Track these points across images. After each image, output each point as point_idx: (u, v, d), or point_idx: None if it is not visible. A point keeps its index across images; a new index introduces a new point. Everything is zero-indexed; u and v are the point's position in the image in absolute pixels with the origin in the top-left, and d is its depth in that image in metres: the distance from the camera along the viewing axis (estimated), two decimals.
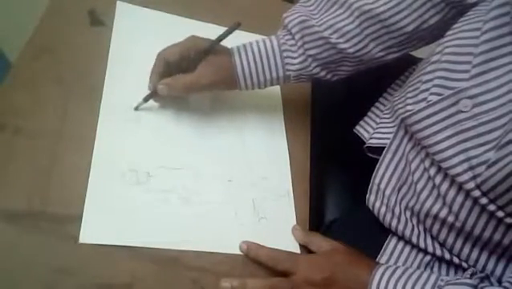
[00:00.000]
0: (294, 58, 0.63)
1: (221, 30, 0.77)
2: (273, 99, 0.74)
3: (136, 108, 0.62)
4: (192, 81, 0.60)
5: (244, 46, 0.63)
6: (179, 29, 0.75)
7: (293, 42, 0.62)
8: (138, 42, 0.69)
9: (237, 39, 0.67)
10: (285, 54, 0.63)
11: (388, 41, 0.61)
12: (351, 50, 0.61)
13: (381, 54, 0.62)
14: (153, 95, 0.62)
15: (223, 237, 0.57)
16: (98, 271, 0.49)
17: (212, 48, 0.61)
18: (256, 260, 0.56)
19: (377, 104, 0.71)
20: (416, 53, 0.71)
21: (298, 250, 0.60)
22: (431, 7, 0.59)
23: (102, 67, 0.64)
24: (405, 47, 0.63)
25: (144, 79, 0.66)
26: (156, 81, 0.61)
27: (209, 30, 0.77)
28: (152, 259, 0.52)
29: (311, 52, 0.62)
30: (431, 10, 0.59)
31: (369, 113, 0.70)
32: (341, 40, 0.61)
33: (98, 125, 0.59)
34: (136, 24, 0.72)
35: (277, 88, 0.75)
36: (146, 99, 0.62)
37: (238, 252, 0.56)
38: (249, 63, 0.62)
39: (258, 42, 0.63)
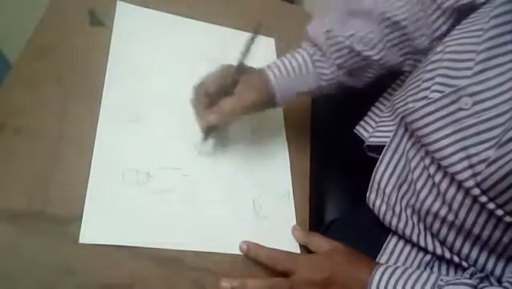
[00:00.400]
0: (326, 68, 0.64)
1: (222, 30, 0.77)
2: None
3: (200, 153, 0.63)
4: (237, 103, 0.59)
5: (275, 63, 0.64)
6: (179, 29, 0.75)
7: (321, 53, 0.64)
8: (138, 42, 0.70)
9: (237, 39, 0.67)
10: (317, 64, 0.64)
11: (406, 47, 0.63)
12: (375, 58, 0.63)
13: (401, 59, 0.64)
14: (209, 130, 0.62)
15: (223, 237, 0.57)
16: (98, 271, 0.49)
17: (244, 68, 0.61)
18: (256, 260, 0.56)
19: (377, 104, 0.71)
20: None
21: (298, 250, 0.60)
22: (441, 15, 0.61)
23: (102, 67, 0.64)
24: (420, 55, 0.64)
25: (144, 79, 0.66)
26: (205, 114, 0.60)
27: (210, 30, 0.77)
28: (152, 259, 0.52)
29: (338, 61, 0.63)
30: (441, 18, 0.61)
31: (369, 113, 0.70)
32: (365, 48, 0.62)
33: (98, 125, 0.59)
34: (136, 24, 0.72)
35: None
36: (206, 138, 0.63)
37: (238, 252, 0.56)
38: (283, 79, 0.63)
39: (287, 57, 0.64)
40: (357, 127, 0.70)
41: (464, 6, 0.59)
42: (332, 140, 0.75)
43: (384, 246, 0.58)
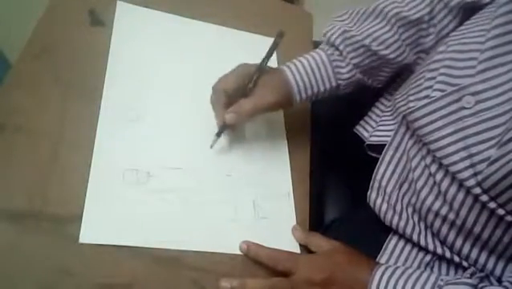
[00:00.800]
0: (343, 67, 0.65)
1: (222, 30, 0.77)
2: None
3: (212, 146, 0.63)
4: (255, 103, 0.61)
5: (293, 62, 0.65)
6: (179, 29, 0.75)
7: (338, 52, 0.65)
8: (138, 42, 0.69)
9: (237, 39, 0.67)
10: (334, 64, 0.64)
11: (419, 46, 0.65)
12: (391, 56, 0.64)
13: (414, 57, 0.66)
14: (224, 128, 0.63)
15: (223, 237, 0.57)
16: (98, 271, 0.49)
17: (263, 69, 0.62)
18: (256, 260, 0.56)
19: (377, 104, 0.71)
20: None
21: (298, 250, 0.60)
22: (447, 13, 0.62)
23: (102, 67, 0.64)
24: (428, 53, 0.65)
25: (144, 78, 0.66)
26: (223, 113, 0.61)
27: (210, 30, 0.77)
28: (152, 259, 0.52)
29: (355, 61, 0.64)
30: (448, 17, 0.63)
31: (369, 113, 0.70)
32: (381, 47, 0.63)
33: (98, 125, 0.59)
34: (136, 24, 0.72)
35: None
36: (219, 134, 0.63)
37: (238, 252, 0.56)
38: (303, 79, 0.63)
39: (305, 57, 0.65)
40: (357, 126, 0.70)
41: (470, 5, 0.60)
42: (332, 140, 0.75)
43: (384, 246, 0.58)
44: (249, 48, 0.77)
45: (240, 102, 0.61)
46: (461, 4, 0.61)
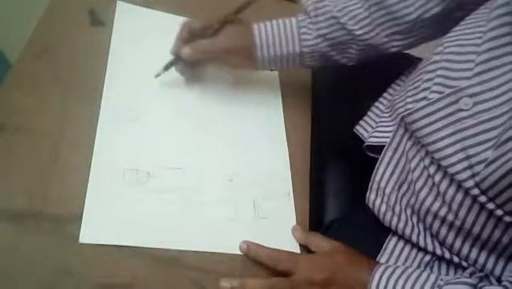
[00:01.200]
0: (309, 34, 0.65)
1: None
2: (273, 99, 0.74)
3: (157, 76, 0.64)
4: (212, 44, 0.62)
5: (263, 21, 0.66)
6: (179, 29, 0.75)
7: (309, 20, 0.65)
8: (138, 42, 0.69)
9: None
10: (302, 30, 0.65)
11: (392, 27, 0.64)
12: (358, 32, 0.64)
13: (385, 40, 0.65)
14: (175, 60, 0.64)
15: (223, 237, 0.57)
16: (98, 271, 0.49)
17: (232, 17, 0.64)
18: (256, 260, 0.56)
19: (377, 104, 0.71)
20: (416, 53, 0.71)
21: (298, 250, 0.60)
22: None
23: (102, 67, 0.64)
24: (408, 37, 0.65)
25: (144, 78, 0.66)
26: (180, 46, 0.63)
27: None
28: (152, 259, 0.52)
29: (323, 31, 0.64)
30: (433, 0, 0.61)
31: (369, 113, 0.70)
32: (350, 22, 0.63)
33: (98, 125, 0.59)
34: (136, 24, 0.72)
35: (277, 87, 0.75)
36: (168, 67, 0.64)
37: (238, 252, 0.56)
38: (267, 33, 0.64)
39: (277, 19, 0.66)
40: (357, 127, 0.70)
41: None
42: (332, 141, 0.75)
43: (384, 246, 0.58)
44: None
45: (198, 40, 0.62)
46: None
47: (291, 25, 0.65)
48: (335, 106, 0.77)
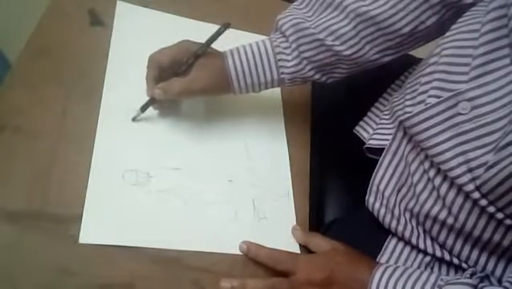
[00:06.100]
0: (288, 60, 0.62)
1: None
2: (273, 100, 0.74)
3: (134, 119, 0.61)
4: (187, 85, 0.59)
5: (237, 48, 0.63)
6: (179, 29, 0.75)
7: (287, 44, 0.62)
8: (138, 42, 0.69)
9: (237, 39, 0.66)
10: (278, 56, 0.62)
11: (383, 43, 0.61)
12: (346, 53, 0.61)
13: (377, 56, 0.62)
14: (151, 102, 0.62)
15: (223, 237, 0.57)
16: (98, 271, 0.49)
17: (203, 51, 0.61)
18: (256, 260, 0.56)
19: (377, 105, 0.71)
20: (416, 53, 0.71)
21: (298, 250, 0.60)
22: (428, 8, 0.59)
23: (102, 67, 0.64)
24: (401, 49, 0.63)
25: (144, 78, 0.66)
26: (153, 86, 0.60)
27: (209, 30, 0.77)
28: (152, 259, 0.52)
29: (306, 54, 0.61)
30: (428, 12, 0.59)
31: (369, 114, 0.70)
32: (336, 42, 0.60)
33: (98, 125, 0.59)
34: (136, 24, 0.72)
35: (277, 89, 0.75)
36: (143, 109, 0.62)
37: (238, 252, 0.56)
38: (242, 65, 0.61)
39: (250, 44, 0.63)
40: (357, 127, 0.70)
41: (452, 4, 0.58)
42: (332, 141, 0.75)
43: (384, 247, 0.58)
44: None
45: (172, 80, 0.59)
46: (443, 2, 0.58)
47: (267, 52, 0.62)
48: (335, 106, 0.77)
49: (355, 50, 0.61)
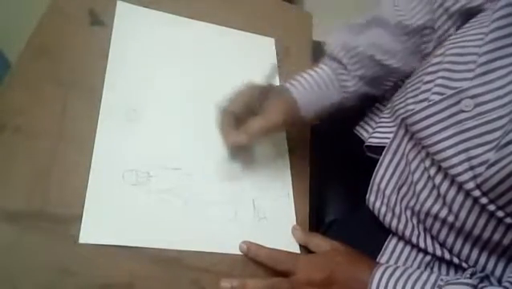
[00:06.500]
0: (349, 80, 0.64)
1: (222, 30, 0.77)
2: None
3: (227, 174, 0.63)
4: (265, 124, 0.60)
5: (297, 80, 0.64)
6: (179, 29, 0.75)
7: (342, 66, 0.64)
8: (138, 42, 0.69)
9: (237, 39, 0.67)
10: (340, 77, 0.64)
11: (422, 51, 0.64)
12: (397, 66, 0.64)
13: (418, 64, 0.65)
14: (237, 149, 0.63)
15: (223, 237, 0.57)
16: (98, 271, 0.49)
17: (270, 88, 0.62)
18: (256, 260, 0.56)
19: (377, 104, 0.71)
20: None
21: (298, 250, 0.60)
22: (447, 19, 0.62)
23: (102, 67, 0.64)
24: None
25: (144, 78, 0.66)
26: (233, 134, 0.60)
27: (209, 30, 0.77)
28: (152, 259, 0.52)
29: (359, 72, 0.64)
30: (448, 22, 0.62)
31: (369, 113, 0.70)
32: (386, 57, 0.63)
33: (98, 125, 0.59)
34: (136, 24, 0.72)
35: None
36: (231, 158, 0.63)
37: (238, 252, 0.56)
38: (309, 96, 0.63)
39: (309, 73, 0.64)
40: (357, 127, 0.70)
41: (470, 11, 0.59)
42: (332, 141, 0.75)
43: (384, 247, 0.58)
44: (249, 48, 0.77)
45: (249, 122, 0.60)
46: (461, 10, 0.60)
47: (331, 79, 0.64)
48: None
49: (403, 62, 0.64)
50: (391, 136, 0.58)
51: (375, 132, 0.64)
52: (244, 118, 0.60)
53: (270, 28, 0.67)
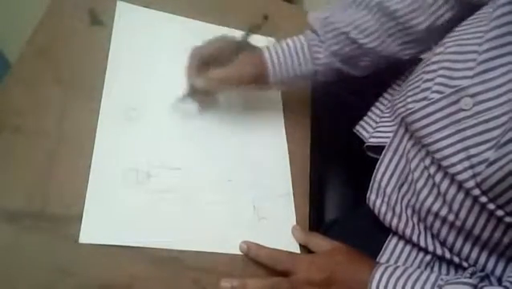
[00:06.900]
0: (320, 53, 0.65)
1: (222, 30, 0.77)
2: (273, 100, 0.74)
3: (174, 108, 0.64)
4: (228, 73, 0.61)
5: (273, 44, 0.65)
6: (179, 29, 0.75)
7: (318, 38, 0.65)
8: (138, 42, 0.69)
9: None
10: (313, 48, 0.65)
11: (403, 37, 0.64)
12: (370, 45, 0.64)
13: (398, 48, 0.65)
14: (191, 91, 0.63)
15: (223, 237, 0.57)
16: (98, 271, 0.49)
17: (244, 44, 0.64)
18: (256, 260, 0.56)
19: (377, 104, 0.71)
20: None
21: (298, 250, 0.60)
22: (443, 3, 0.61)
23: (102, 67, 0.64)
24: (422, 44, 0.65)
25: (144, 78, 0.66)
26: (194, 76, 0.62)
27: (209, 30, 0.77)
28: (152, 259, 0.52)
29: (333, 48, 0.64)
30: (444, 7, 0.61)
31: (369, 113, 0.70)
32: (360, 36, 0.63)
33: (98, 125, 0.59)
34: (136, 24, 0.72)
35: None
36: (185, 98, 0.64)
37: (238, 252, 0.56)
38: (278, 58, 0.64)
39: (286, 40, 0.66)
40: (357, 127, 0.70)
41: (467, 0, 0.59)
42: (332, 140, 0.75)
43: (384, 246, 0.58)
44: None
45: (214, 70, 0.61)
46: None
47: (302, 47, 0.65)
48: (334, 106, 0.77)
49: (378, 43, 0.64)
50: (391, 135, 0.58)
51: (376, 131, 0.64)
52: (212, 64, 0.62)
53: (269, 28, 0.67)
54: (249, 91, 0.69)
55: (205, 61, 0.62)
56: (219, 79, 0.61)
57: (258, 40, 0.66)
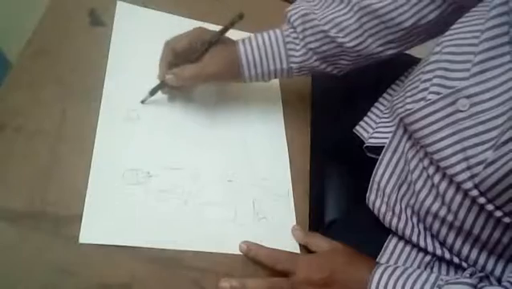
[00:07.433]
0: (297, 50, 0.64)
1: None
2: (272, 99, 0.74)
3: (143, 102, 0.63)
4: (198, 71, 0.61)
5: (249, 37, 0.64)
6: (179, 29, 0.75)
7: (295, 34, 0.64)
8: (138, 42, 0.69)
9: (237, 39, 0.66)
10: (288, 46, 0.64)
11: (386, 36, 0.62)
12: (349, 45, 0.62)
13: (380, 49, 0.63)
14: (161, 86, 0.63)
15: (223, 237, 0.57)
16: (98, 271, 0.49)
17: (217, 39, 0.62)
18: (256, 260, 0.56)
19: (377, 104, 0.71)
20: (416, 53, 0.71)
21: (298, 250, 0.60)
22: (430, 3, 0.60)
23: (102, 67, 0.64)
24: (403, 43, 0.64)
25: (144, 79, 0.66)
26: (165, 70, 0.62)
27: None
28: (152, 259, 0.52)
29: (312, 45, 0.63)
30: (430, 6, 0.60)
31: (369, 113, 0.70)
32: (340, 34, 0.62)
33: (98, 125, 0.59)
34: (136, 24, 0.72)
35: (276, 88, 0.75)
36: (153, 92, 0.63)
37: (238, 252, 0.56)
38: (253, 53, 0.63)
39: (262, 34, 0.64)
40: (357, 127, 0.70)
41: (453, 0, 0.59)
42: (332, 140, 0.75)
43: (384, 247, 0.58)
44: None
45: (184, 66, 0.61)
46: None
47: (277, 41, 0.63)
48: (334, 106, 0.77)
49: (357, 42, 0.62)
50: (390, 135, 0.58)
51: (375, 132, 0.64)
52: (184, 59, 0.61)
53: (269, 28, 0.67)
54: (222, 85, 0.70)
55: (178, 56, 0.62)
56: (191, 76, 0.61)
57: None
